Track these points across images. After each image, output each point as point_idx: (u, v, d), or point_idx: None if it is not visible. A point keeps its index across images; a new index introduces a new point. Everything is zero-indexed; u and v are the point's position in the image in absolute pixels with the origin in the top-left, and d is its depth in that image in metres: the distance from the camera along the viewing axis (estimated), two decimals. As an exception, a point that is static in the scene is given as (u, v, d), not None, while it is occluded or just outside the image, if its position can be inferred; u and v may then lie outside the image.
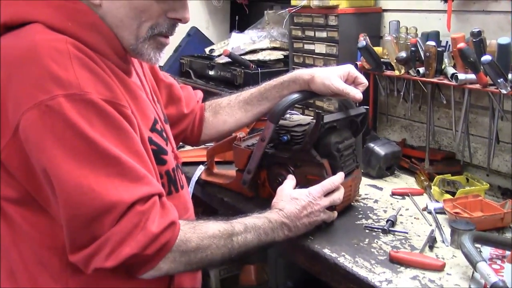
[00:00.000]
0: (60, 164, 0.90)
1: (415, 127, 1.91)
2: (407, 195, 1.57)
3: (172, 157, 1.15)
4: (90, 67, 0.95)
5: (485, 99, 1.60)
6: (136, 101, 1.06)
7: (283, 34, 2.42)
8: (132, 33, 1.05)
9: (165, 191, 1.08)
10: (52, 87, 0.90)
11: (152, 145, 1.07)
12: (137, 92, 1.09)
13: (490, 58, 1.36)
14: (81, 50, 0.95)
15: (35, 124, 0.90)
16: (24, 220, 1.02)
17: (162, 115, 1.20)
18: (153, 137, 1.08)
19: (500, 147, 1.61)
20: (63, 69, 0.91)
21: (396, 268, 1.15)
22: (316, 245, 1.26)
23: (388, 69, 1.77)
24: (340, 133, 1.43)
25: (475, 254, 1.07)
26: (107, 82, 0.97)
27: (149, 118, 1.10)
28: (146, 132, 1.06)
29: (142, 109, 1.08)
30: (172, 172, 1.13)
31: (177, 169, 1.18)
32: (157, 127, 1.11)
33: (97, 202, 0.91)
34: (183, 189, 1.18)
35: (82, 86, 0.92)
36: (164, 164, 1.10)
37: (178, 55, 2.73)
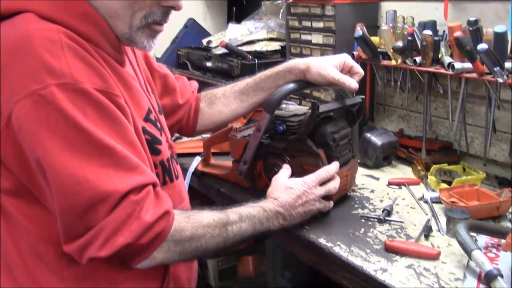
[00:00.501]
0: (54, 154, 0.90)
1: (412, 117, 1.91)
2: (403, 184, 1.56)
3: (166, 147, 1.15)
4: (83, 56, 0.94)
5: (482, 88, 1.59)
6: (129, 91, 1.06)
7: (280, 24, 2.41)
8: (126, 23, 1.04)
9: (160, 181, 1.08)
10: (45, 76, 0.90)
11: (146, 135, 1.07)
12: (131, 82, 1.09)
13: (486, 47, 1.35)
14: (73, 39, 0.95)
15: (28, 114, 0.90)
16: (19, 212, 1.01)
17: (156, 105, 1.20)
18: (146, 127, 1.08)
19: (497, 136, 1.60)
20: (56, 59, 0.91)
21: (392, 257, 1.15)
22: (312, 235, 1.26)
23: (385, 58, 1.76)
24: (336, 123, 1.43)
25: (470, 242, 1.07)
26: (100, 72, 0.96)
27: (143, 108, 1.09)
28: (139, 122, 1.06)
29: (135, 98, 1.07)
30: (167, 162, 1.13)
31: (172, 159, 1.17)
32: (151, 117, 1.11)
33: (91, 192, 0.91)
34: (178, 179, 1.17)
35: (75, 75, 0.91)
36: (158, 154, 1.10)
37: (175, 47, 2.72)
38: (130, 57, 1.18)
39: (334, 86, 1.38)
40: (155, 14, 1.05)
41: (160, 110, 1.24)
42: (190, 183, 1.69)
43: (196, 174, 1.69)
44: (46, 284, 1.02)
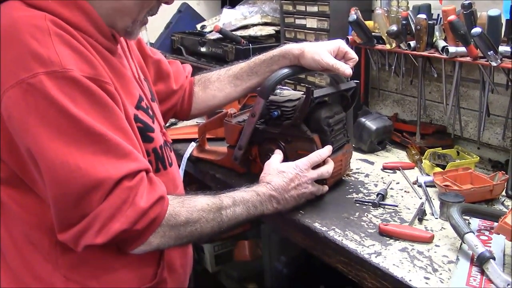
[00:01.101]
0: (45, 142, 0.90)
1: (407, 101, 1.91)
2: (398, 169, 1.57)
3: (159, 135, 1.15)
4: (71, 44, 0.94)
5: (476, 72, 1.60)
6: (120, 79, 1.05)
7: (274, 9, 2.40)
8: (132, 17, 1.07)
9: (153, 168, 1.08)
10: (33, 64, 0.89)
11: (138, 123, 1.07)
12: (121, 70, 1.08)
13: (480, 30, 1.35)
14: (61, 27, 0.94)
15: (17, 103, 0.90)
16: (12, 201, 1.02)
17: (148, 93, 1.19)
18: (138, 114, 1.07)
19: (491, 120, 1.61)
20: (44, 47, 0.90)
21: (386, 240, 1.17)
22: (307, 219, 1.27)
23: (379, 43, 1.76)
24: (331, 107, 1.43)
25: (463, 225, 1.08)
26: (89, 59, 0.96)
27: (134, 96, 1.09)
28: (131, 110, 1.05)
29: (126, 86, 1.07)
30: (160, 150, 1.13)
31: (165, 146, 1.17)
32: (143, 105, 1.10)
33: (84, 179, 0.91)
34: (171, 166, 1.18)
35: (64, 63, 0.91)
36: (151, 142, 1.10)
37: (169, 32, 2.70)
38: (122, 44, 1.18)
39: (328, 72, 1.38)
40: (154, 9, 1.10)
41: (153, 97, 1.24)
42: (186, 168, 1.70)
43: (191, 160, 1.69)
44: (41, 272, 1.03)
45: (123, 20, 1.06)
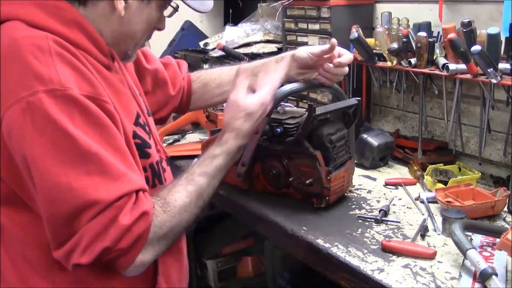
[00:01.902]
0: (40, 160, 0.90)
1: (408, 118, 1.92)
2: (400, 185, 1.58)
3: (155, 151, 1.15)
4: (72, 62, 0.95)
5: (476, 88, 1.61)
6: (118, 96, 1.06)
7: (276, 26, 2.42)
8: (135, 42, 1.13)
9: (150, 184, 1.09)
10: (33, 83, 0.90)
11: (137, 139, 1.07)
12: (119, 87, 1.10)
13: (479, 48, 1.37)
14: (62, 46, 0.96)
15: (17, 121, 0.90)
16: (9, 220, 1.02)
17: (145, 108, 1.20)
18: (137, 131, 1.08)
19: (492, 136, 1.62)
20: (44, 66, 0.92)
21: (388, 257, 1.17)
22: (310, 235, 1.28)
23: (381, 60, 1.78)
24: (333, 124, 1.44)
25: (465, 241, 1.09)
26: (89, 78, 0.97)
27: (132, 113, 1.10)
28: (130, 126, 1.06)
29: (124, 103, 1.08)
30: (156, 165, 1.13)
31: (162, 162, 1.18)
32: (140, 121, 1.12)
33: (76, 200, 0.91)
34: (166, 181, 1.17)
35: (63, 82, 0.92)
36: (148, 158, 1.10)
37: (172, 49, 2.73)
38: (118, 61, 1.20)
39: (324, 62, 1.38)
40: (150, 35, 1.17)
41: (149, 112, 1.24)
42: (189, 185, 1.70)
43: (194, 177, 1.70)
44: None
45: (126, 43, 1.11)
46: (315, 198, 1.41)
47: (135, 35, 1.11)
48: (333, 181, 1.38)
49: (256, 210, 1.44)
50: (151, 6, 1.09)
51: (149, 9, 1.09)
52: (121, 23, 1.07)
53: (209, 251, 2.40)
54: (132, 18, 1.07)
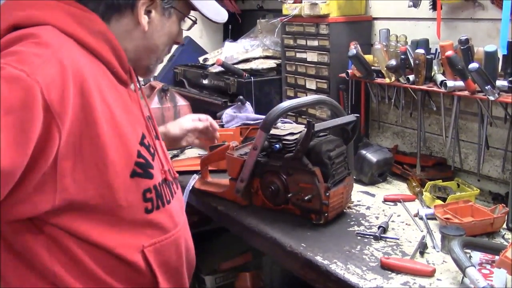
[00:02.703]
0: None
1: (407, 134, 1.93)
2: (399, 201, 1.58)
3: (158, 172, 1.14)
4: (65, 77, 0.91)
5: (474, 105, 1.62)
6: (127, 114, 1.07)
7: (275, 42, 2.44)
8: (157, 56, 1.18)
9: (154, 205, 1.09)
10: (10, 57, 0.87)
11: (140, 159, 1.07)
12: (130, 105, 1.11)
13: (477, 66, 1.38)
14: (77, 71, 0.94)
15: None
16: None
17: (153, 130, 1.20)
18: (141, 150, 1.08)
19: (490, 152, 1.63)
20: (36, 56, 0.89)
21: (387, 274, 1.17)
22: (308, 252, 1.27)
23: (379, 76, 1.79)
24: (331, 141, 1.45)
25: (464, 259, 1.09)
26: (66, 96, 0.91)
27: (138, 132, 1.10)
28: (135, 146, 1.06)
29: (131, 122, 1.08)
30: (159, 187, 1.13)
31: (163, 183, 1.16)
32: (145, 142, 1.11)
33: None
34: (169, 203, 1.16)
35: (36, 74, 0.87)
36: (151, 178, 1.10)
37: (172, 65, 2.75)
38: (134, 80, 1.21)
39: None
40: (170, 48, 1.22)
41: (157, 135, 1.25)
42: (188, 200, 1.70)
43: (193, 192, 1.71)
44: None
45: (149, 58, 1.17)
46: (314, 214, 1.41)
47: (157, 48, 1.16)
48: (332, 197, 1.38)
49: (254, 226, 1.43)
50: (172, 19, 1.15)
51: (170, 22, 1.15)
52: (144, 37, 1.11)
53: (207, 267, 2.39)
54: (155, 32, 1.13)
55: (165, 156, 1.22)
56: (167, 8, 1.13)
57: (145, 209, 1.08)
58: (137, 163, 1.06)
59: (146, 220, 1.08)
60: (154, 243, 1.10)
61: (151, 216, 1.09)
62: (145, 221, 1.08)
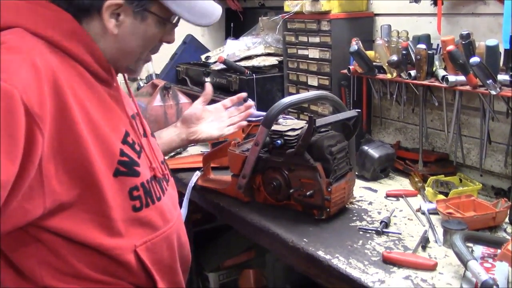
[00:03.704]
0: None
1: (409, 129, 1.93)
2: (401, 196, 1.58)
3: (146, 170, 1.14)
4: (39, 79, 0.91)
5: (476, 100, 1.62)
6: (107, 113, 1.06)
7: (277, 40, 2.44)
8: (135, 57, 1.14)
9: (143, 203, 1.09)
10: None
11: (124, 157, 1.06)
12: (111, 104, 1.09)
13: (478, 60, 1.38)
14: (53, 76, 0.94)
15: None
16: None
17: (139, 128, 1.19)
18: (124, 149, 1.07)
19: (492, 147, 1.62)
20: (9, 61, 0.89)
21: (389, 268, 1.17)
22: (310, 247, 1.27)
23: (381, 72, 1.79)
24: (333, 136, 1.45)
25: (466, 253, 1.09)
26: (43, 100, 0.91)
27: (120, 130, 1.09)
28: (117, 144, 1.05)
29: (113, 120, 1.07)
30: (147, 184, 1.12)
31: (152, 181, 1.15)
32: (128, 140, 1.10)
33: None
34: (159, 200, 1.15)
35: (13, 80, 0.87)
36: (138, 176, 1.09)
37: (174, 63, 2.75)
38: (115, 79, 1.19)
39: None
40: (156, 48, 1.17)
41: (145, 133, 1.23)
42: (190, 197, 1.71)
43: (196, 189, 1.71)
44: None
45: (126, 59, 1.12)
46: (316, 209, 1.41)
47: (133, 51, 1.11)
48: (334, 192, 1.38)
49: (256, 222, 1.44)
50: (147, 22, 1.08)
51: (145, 25, 1.08)
52: (116, 40, 1.07)
53: (210, 264, 2.40)
54: (127, 35, 1.07)
55: (153, 153, 1.21)
56: (138, 11, 1.06)
57: (133, 207, 1.07)
58: (120, 162, 1.05)
59: (136, 218, 1.07)
60: (146, 242, 1.09)
61: (140, 214, 1.08)
62: (134, 220, 1.07)
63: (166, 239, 1.14)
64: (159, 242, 1.12)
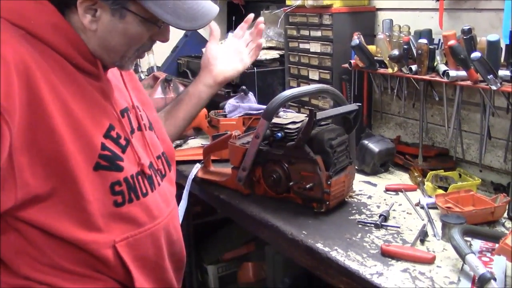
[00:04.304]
0: None
1: (409, 124, 1.93)
2: (400, 191, 1.59)
3: (131, 165, 1.11)
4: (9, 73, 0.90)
5: (476, 95, 1.62)
6: (90, 106, 1.04)
7: (279, 33, 2.44)
8: (119, 55, 1.09)
9: (125, 198, 1.07)
10: None
11: (106, 151, 1.04)
12: (94, 97, 1.07)
13: (479, 55, 1.38)
14: (24, 65, 0.93)
15: None
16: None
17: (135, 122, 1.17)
18: (106, 143, 1.05)
19: (492, 143, 1.63)
20: None
21: (388, 261, 1.18)
22: (309, 239, 1.28)
23: (382, 67, 1.79)
24: (333, 129, 1.45)
25: (464, 246, 1.10)
26: (10, 94, 0.90)
27: (102, 124, 1.07)
28: (98, 138, 1.04)
29: (94, 114, 1.05)
30: (131, 179, 1.09)
31: (139, 176, 1.12)
32: (112, 134, 1.08)
33: None
34: (145, 196, 1.12)
35: None
36: (120, 171, 1.07)
37: (175, 56, 2.75)
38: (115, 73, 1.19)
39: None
40: (145, 46, 1.12)
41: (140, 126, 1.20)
42: (190, 190, 1.72)
43: (196, 181, 1.72)
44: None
45: (110, 56, 1.08)
46: (315, 202, 1.41)
47: (115, 48, 1.06)
48: (334, 186, 1.39)
49: (256, 214, 1.44)
50: (126, 20, 1.03)
51: (124, 23, 1.03)
52: (96, 36, 1.04)
53: (210, 257, 2.41)
54: (106, 32, 1.04)
55: (148, 148, 1.19)
56: (116, 9, 1.01)
57: (114, 202, 1.05)
58: (102, 156, 1.03)
59: (116, 213, 1.05)
60: (127, 237, 1.07)
61: (122, 210, 1.06)
62: (115, 215, 1.05)
63: (151, 235, 1.12)
64: (142, 238, 1.10)
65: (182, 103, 1.57)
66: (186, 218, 1.76)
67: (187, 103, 1.57)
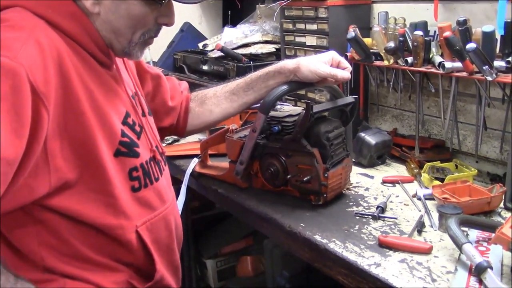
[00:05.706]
0: None
1: (406, 116, 1.94)
2: (397, 182, 1.59)
3: (146, 150, 1.15)
4: (45, 57, 0.93)
5: (472, 87, 1.63)
6: (107, 94, 1.07)
7: (274, 27, 2.44)
8: (127, 39, 1.10)
9: (142, 183, 1.10)
10: None
11: (125, 138, 1.08)
12: (112, 85, 1.10)
13: (474, 46, 1.38)
14: (55, 47, 0.95)
15: None
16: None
17: (140, 108, 1.20)
18: (124, 130, 1.09)
19: (488, 133, 1.64)
20: (15, 39, 0.91)
21: (385, 252, 1.18)
22: (307, 232, 1.29)
23: (378, 59, 1.79)
24: (330, 122, 1.46)
25: (461, 236, 1.10)
26: (49, 79, 0.92)
27: (121, 111, 1.10)
28: (118, 125, 1.07)
29: (113, 101, 1.08)
30: (146, 165, 1.14)
31: (152, 161, 1.17)
32: (129, 121, 1.12)
33: None
34: (157, 181, 1.17)
35: (20, 58, 0.89)
36: (137, 157, 1.11)
37: (171, 51, 2.75)
38: (118, 60, 1.20)
39: (326, 82, 1.41)
40: (151, 31, 1.13)
41: (144, 113, 1.24)
42: (188, 184, 1.72)
43: (193, 176, 1.72)
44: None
45: (119, 41, 1.10)
46: (313, 195, 1.42)
47: (121, 31, 1.08)
48: (331, 178, 1.39)
49: (254, 208, 1.45)
50: (129, 1, 1.05)
51: (127, 4, 1.05)
52: (101, 20, 1.06)
53: (208, 251, 2.41)
54: (109, 14, 1.06)
55: (152, 134, 1.22)
56: None
57: (131, 188, 1.08)
58: (121, 142, 1.06)
59: (135, 198, 1.09)
60: (145, 222, 1.11)
61: (139, 195, 1.10)
62: (134, 200, 1.09)
63: (163, 219, 1.17)
64: (157, 222, 1.14)
65: (256, 91, 1.47)
66: (184, 213, 1.76)
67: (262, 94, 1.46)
